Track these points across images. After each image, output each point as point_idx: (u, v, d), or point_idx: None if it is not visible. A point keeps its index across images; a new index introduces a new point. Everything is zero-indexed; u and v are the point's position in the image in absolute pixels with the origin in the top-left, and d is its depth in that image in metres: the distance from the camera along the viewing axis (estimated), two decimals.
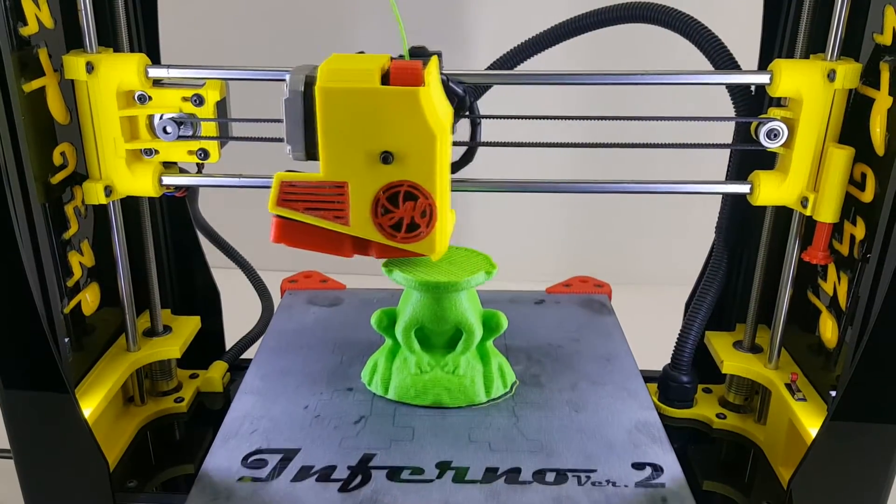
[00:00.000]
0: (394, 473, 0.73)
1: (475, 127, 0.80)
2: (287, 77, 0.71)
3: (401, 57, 0.73)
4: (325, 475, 0.72)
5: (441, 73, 0.75)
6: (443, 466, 0.74)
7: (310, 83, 0.70)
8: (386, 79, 0.69)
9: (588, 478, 0.72)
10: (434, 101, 0.70)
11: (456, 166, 0.81)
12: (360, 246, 0.75)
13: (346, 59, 0.71)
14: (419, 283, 0.79)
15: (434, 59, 0.73)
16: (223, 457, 0.75)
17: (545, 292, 1.10)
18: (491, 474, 0.73)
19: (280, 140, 0.85)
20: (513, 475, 0.73)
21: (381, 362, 0.85)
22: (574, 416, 0.81)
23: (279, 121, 0.81)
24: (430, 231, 0.73)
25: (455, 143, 0.77)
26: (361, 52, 0.74)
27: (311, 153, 0.73)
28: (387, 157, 0.70)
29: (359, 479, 0.72)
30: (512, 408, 0.83)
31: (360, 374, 0.88)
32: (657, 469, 0.74)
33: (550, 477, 0.72)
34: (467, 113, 0.79)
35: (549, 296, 1.09)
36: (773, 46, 0.92)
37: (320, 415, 0.81)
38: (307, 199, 0.73)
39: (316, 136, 0.71)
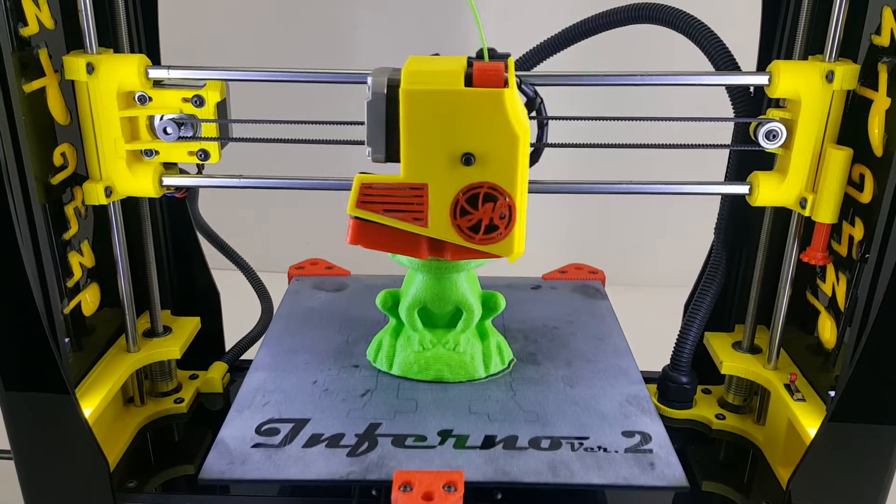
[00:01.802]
0: (399, 440, 0.76)
1: (542, 128, 0.81)
2: (368, 79, 0.71)
3: (478, 58, 0.73)
4: (335, 442, 0.76)
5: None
6: (444, 434, 0.77)
7: (393, 85, 0.70)
8: (469, 80, 0.69)
9: (581, 444, 0.76)
10: (516, 103, 0.71)
11: None
12: (436, 247, 0.76)
13: (427, 61, 0.72)
14: (422, 263, 0.82)
15: (510, 60, 0.73)
16: (238, 426, 0.78)
17: (542, 278, 1.13)
18: (489, 441, 0.76)
19: (279, 141, 0.85)
20: (510, 442, 0.76)
21: (385, 340, 0.89)
22: (568, 390, 0.85)
23: (279, 121, 0.82)
24: (509, 232, 0.74)
25: None
26: (437, 55, 0.74)
27: (391, 155, 0.73)
28: (468, 159, 0.70)
29: (366, 444, 0.76)
30: (509, 383, 0.86)
31: (366, 352, 0.91)
32: (646, 437, 0.78)
33: (545, 444, 0.76)
34: (534, 114, 0.79)
35: (546, 281, 1.12)
36: (772, 48, 0.92)
37: (328, 388, 0.84)
38: (386, 200, 0.74)
39: (397, 138, 0.71)
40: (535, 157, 0.82)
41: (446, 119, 0.70)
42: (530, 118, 0.78)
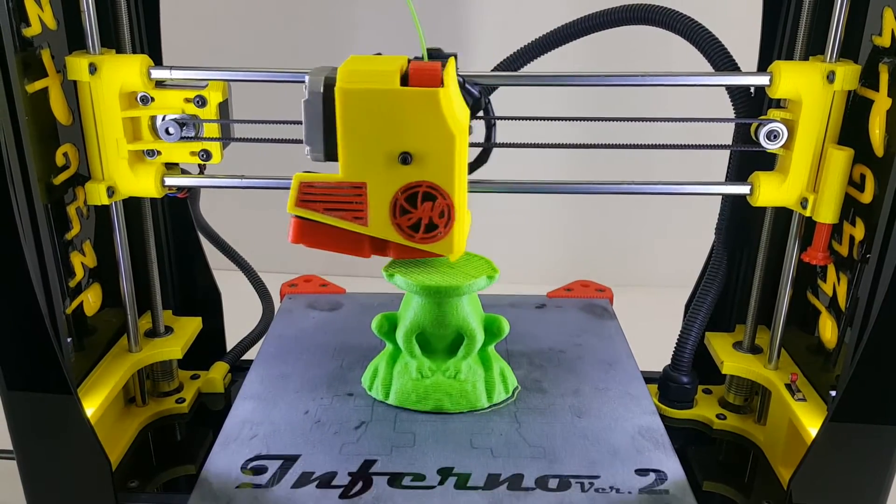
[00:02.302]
0: (395, 480, 0.72)
1: (490, 128, 0.80)
2: (306, 78, 0.71)
3: (418, 58, 0.73)
4: (326, 481, 0.72)
5: (458, 75, 0.75)
6: (444, 473, 0.73)
7: (329, 84, 0.70)
8: (405, 80, 0.69)
9: (591, 484, 0.72)
10: (453, 102, 0.71)
11: (471, 167, 0.81)
12: (379, 246, 0.76)
13: (365, 61, 0.72)
14: (420, 287, 0.78)
15: (451, 60, 0.74)
16: (223, 462, 0.74)
17: (546, 297, 1.09)
18: (493, 481, 0.72)
19: (279, 141, 0.85)
20: (515, 481, 0.72)
21: (381, 367, 0.85)
22: (576, 421, 0.81)
23: (280, 122, 0.82)
24: (449, 231, 0.73)
25: (469, 144, 0.77)
26: (379, 54, 0.74)
27: (330, 154, 0.73)
28: (406, 158, 0.70)
29: (360, 485, 0.72)
30: (514, 413, 0.82)
31: (361, 378, 0.87)
32: (660, 475, 0.74)
33: (553, 483, 0.72)
34: (482, 113, 0.79)
35: (551, 300, 1.08)
36: (773, 48, 0.92)
37: (320, 420, 0.81)
38: (326, 199, 0.74)
39: (335, 137, 0.71)
40: (483, 158, 0.82)
41: (383, 118, 0.70)
42: (476, 118, 0.79)
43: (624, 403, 0.84)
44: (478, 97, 0.78)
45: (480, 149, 0.82)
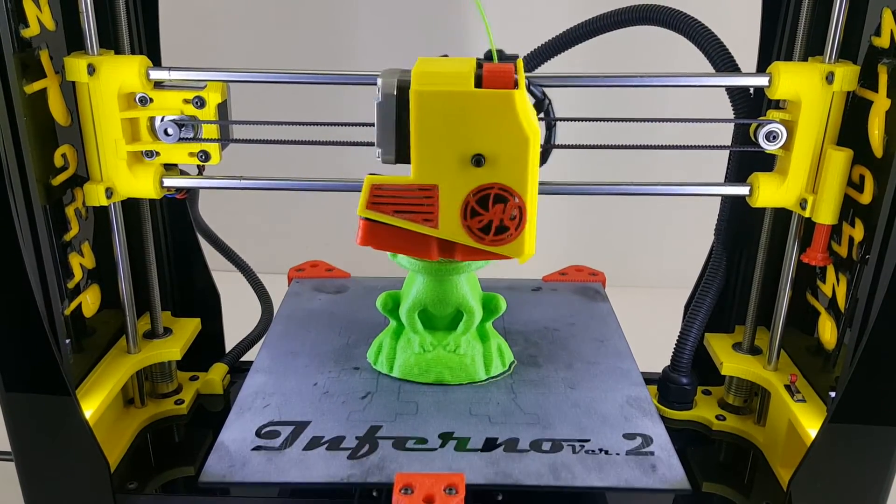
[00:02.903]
0: (399, 443, 0.76)
1: (550, 129, 0.81)
2: (378, 81, 0.71)
3: (487, 60, 0.73)
4: (335, 444, 0.76)
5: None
6: (445, 437, 0.77)
7: (402, 87, 0.70)
8: (479, 82, 0.69)
9: (582, 447, 0.77)
10: (526, 104, 0.71)
11: None
12: (446, 248, 0.76)
13: (437, 63, 0.72)
14: (423, 265, 0.82)
15: (519, 62, 0.74)
16: (238, 428, 0.79)
17: (542, 280, 1.13)
18: (490, 444, 0.76)
19: (278, 142, 0.85)
20: (511, 444, 0.77)
21: (386, 342, 0.89)
22: (569, 392, 0.85)
23: (279, 123, 0.82)
24: (519, 233, 0.73)
25: None
26: (445, 56, 0.74)
27: (401, 156, 0.73)
28: (478, 160, 0.70)
29: (366, 447, 0.76)
30: (510, 385, 0.87)
31: (366, 354, 0.91)
32: (647, 439, 0.78)
33: (546, 446, 0.76)
34: (543, 115, 0.80)
35: (546, 283, 1.13)
36: (772, 49, 0.92)
37: (329, 391, 0.85)
38: (396, 202, 0.74)
39: (407, 140, 0.71)
40: (543, 158, 0.82)
41: (456, 120, 0.70)
42: (539, 119, 0.79)
43: (614, 376, 0.89)
44: (541, 98, 0.79)
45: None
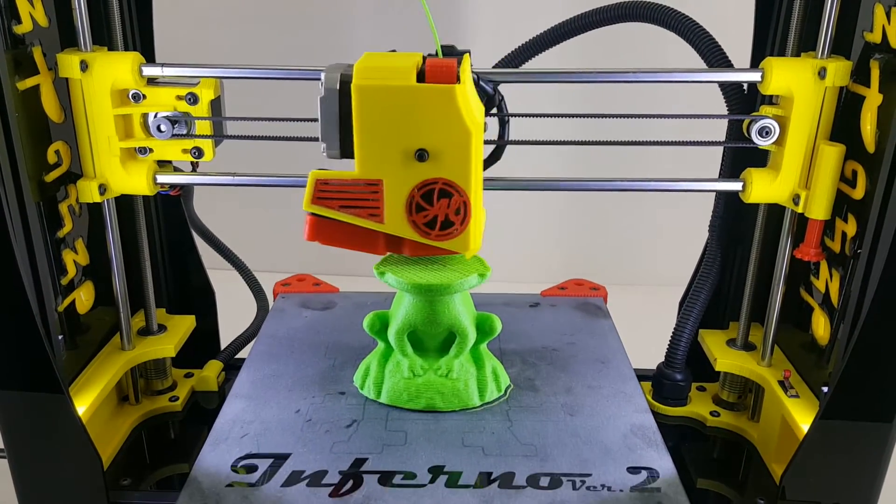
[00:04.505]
0: (385, 478, 0.72)
1: (504, 125, 0.81)
2: (322, 75, 0.71)
3: (433, 55, 0.73)
4: (316, 480, 0.72)
5: (472, 72, 0.75)
6: (435, 471, 0.73)
7: (345, 81, 0.70)
8: (421, 76, 0.69)
9: (583, 482, 0.72)
10: (469, 99, 0.71)
11: (485, 164, 0.81)
12: (394, 243, 0.76)
13: (381, 58, 0.72)
14: (412, 285, 0.78)
15: (466, 56, 0.74)
16: (213, 461, 0.74)
17: (540, 295, 1.09)
18: (484, 479, 0.72)
19: (272, 138, 0.85)
20: (506, 479, 0.72)
21: (373, 366, 0.84)
22: (569, 419, 0.81)
23: (272, 119, 0.82)
24: (465, 228, 0.73)
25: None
26: (393, 51, 0.74)
27: (346, 151, 0.73)
28: (422, 155, 0.70)
29: (350, 483, 0.71)
30: (506, 412, 0.82)
31: (353, 377, 0.87)
32: (652, 473, 0.73)
33: (545, 482, 0.72)
34: (495, 111, 0.79)
35: (545, 299, 1.08)
36: (765, 44, 0.92)
37: (312, 419, 0.80)
38: (342, 196, 0.74)
39: (351, 134, 0.71)
40: (497, 155, 0.82)
41: (399, 115, 0.70)
42: (490, 115, 0.79)
43: (616, 402, 0.84)
44: (492, 94, 0.78)
45: (493, 146, 0.82)
